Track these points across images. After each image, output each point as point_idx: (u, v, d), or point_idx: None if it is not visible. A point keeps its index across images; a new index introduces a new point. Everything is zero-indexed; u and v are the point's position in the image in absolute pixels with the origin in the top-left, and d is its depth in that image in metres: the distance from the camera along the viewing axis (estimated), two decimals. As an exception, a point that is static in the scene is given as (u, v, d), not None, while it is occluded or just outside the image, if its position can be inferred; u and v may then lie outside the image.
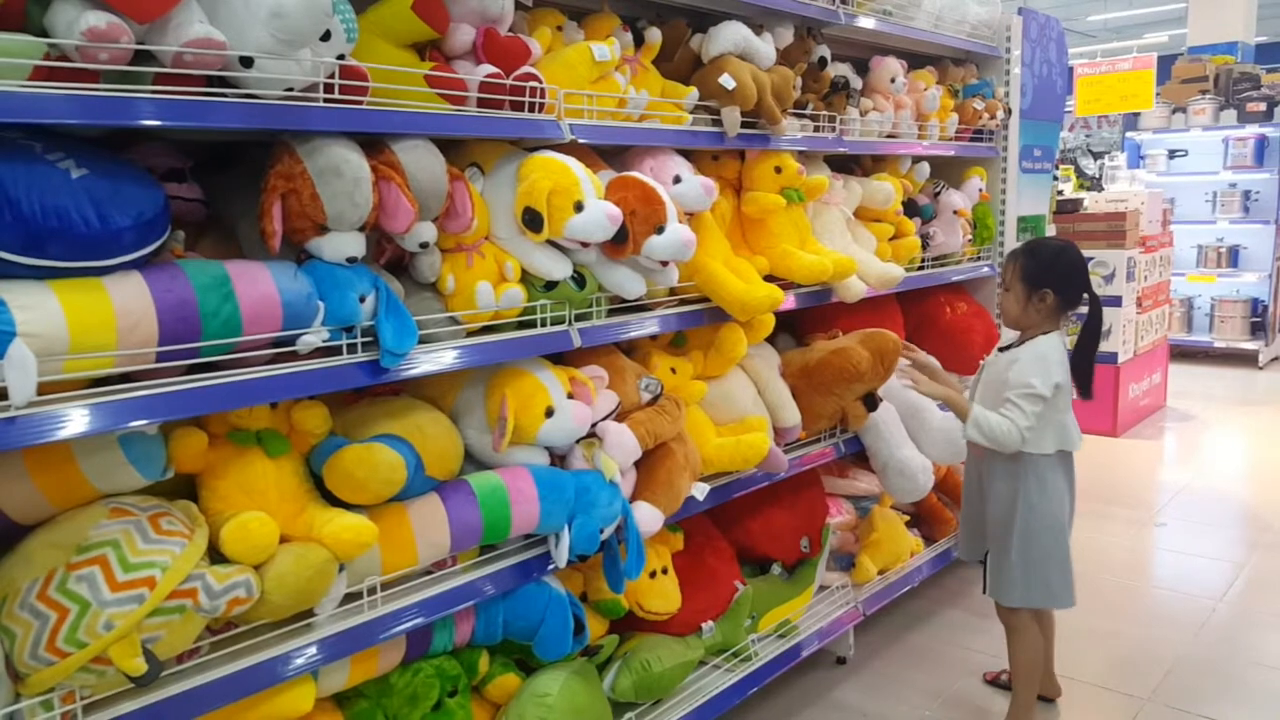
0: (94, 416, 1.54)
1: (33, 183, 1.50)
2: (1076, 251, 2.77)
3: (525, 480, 2.23)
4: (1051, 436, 2.72)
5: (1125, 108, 9.66)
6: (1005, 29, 4.18)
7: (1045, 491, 2.73)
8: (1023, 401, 2.64)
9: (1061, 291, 2.71)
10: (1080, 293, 2.75)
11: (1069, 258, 2.75)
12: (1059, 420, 2.72)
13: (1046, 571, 2.75)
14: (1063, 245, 2.79)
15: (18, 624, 1.56)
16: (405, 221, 1.95)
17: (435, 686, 2.20)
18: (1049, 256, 2.74)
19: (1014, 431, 2.63)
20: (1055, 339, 2.72)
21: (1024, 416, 2.63)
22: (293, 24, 1.65)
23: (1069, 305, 2.74)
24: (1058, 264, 2.73)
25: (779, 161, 2.96)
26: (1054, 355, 2.68)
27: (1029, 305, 2.72)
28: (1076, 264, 2.76)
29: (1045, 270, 2.71)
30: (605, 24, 2.59)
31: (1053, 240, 2.98)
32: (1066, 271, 2.73)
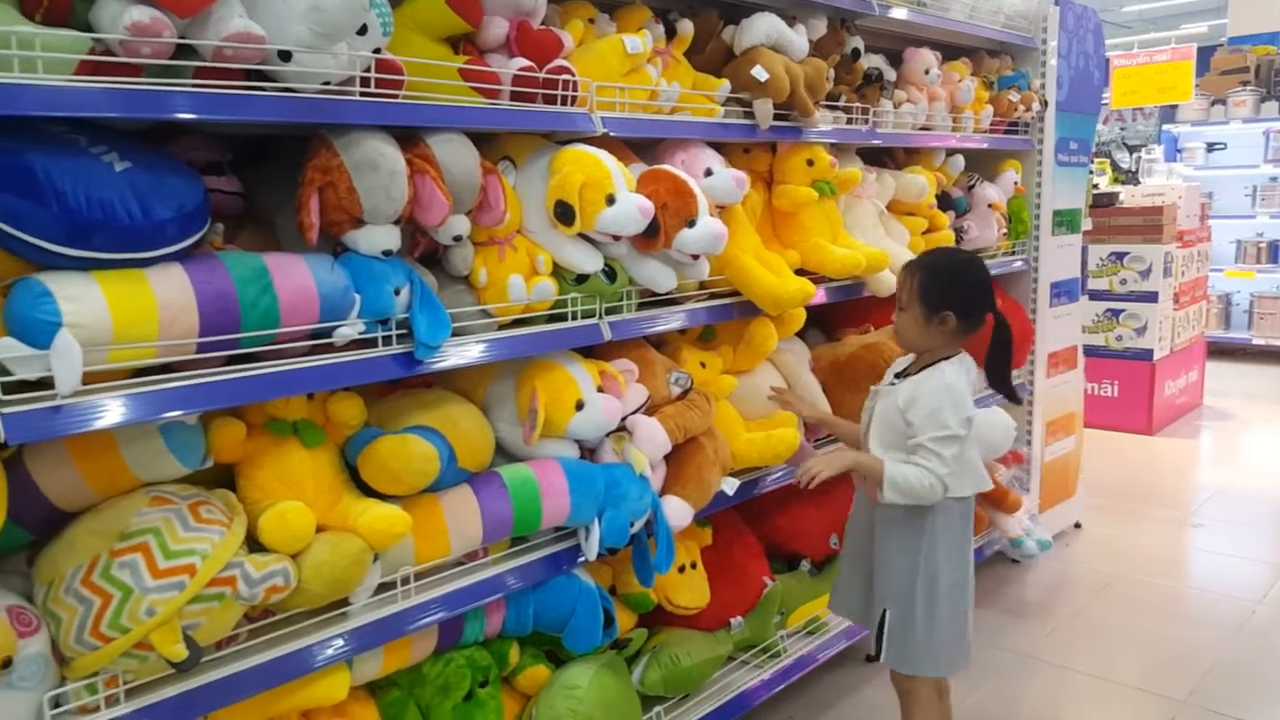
0: (136, 406, 1.56)
1: (79, 176, 1.52)
2: (979, 267, 2.43)
3: (556, 473, 2.24)
4: (966, 478, 2.37)
5: (1163, 100, 9.51)
6: (1041, 20, 4.13)
7: (954, 543, 2.40)
8: (939, 447, 2.26)
9: (964, 314, 2.34)
10: (985, 312, 2.39)
11: (972, 276, 2.40)
12: (970, 458, 2.39)
13: (955, 635, 2.40)
14: (965, 261, 2.45)
15: (63, 609, 1.60)
16: (440, 215, 1.96)
17: (466, 677, 2.22)
18: (950, 275, 2.38)
19: (936, 484, 2.25)
20: (958, 365, 2.36)
21: (942, 463, 2.25)
22: (330, 18, 1.67)
23: (972, 328, 2.38)
24: (959, 283, 2.37)
25: (811, 154, 2.94)
26: (960, 385, 2.31)
27: (929, 328, 2.34)
28: (980, 282, 2.40)
29: (946, 290, 2.35)
30: (637, 16, 2.60)
31: (954, 254, 2.60)
32: (969, 291, 2.38)
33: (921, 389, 2.30)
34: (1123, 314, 6.39)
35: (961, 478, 2.33)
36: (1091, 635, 3.57)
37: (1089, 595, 3.91)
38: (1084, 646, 3.48)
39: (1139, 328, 6.34)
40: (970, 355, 2.41)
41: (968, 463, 2.37)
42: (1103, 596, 3.90)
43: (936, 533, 2.37)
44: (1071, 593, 3.95)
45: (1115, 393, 6.41)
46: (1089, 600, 3.86)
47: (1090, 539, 4.55)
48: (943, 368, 2.34)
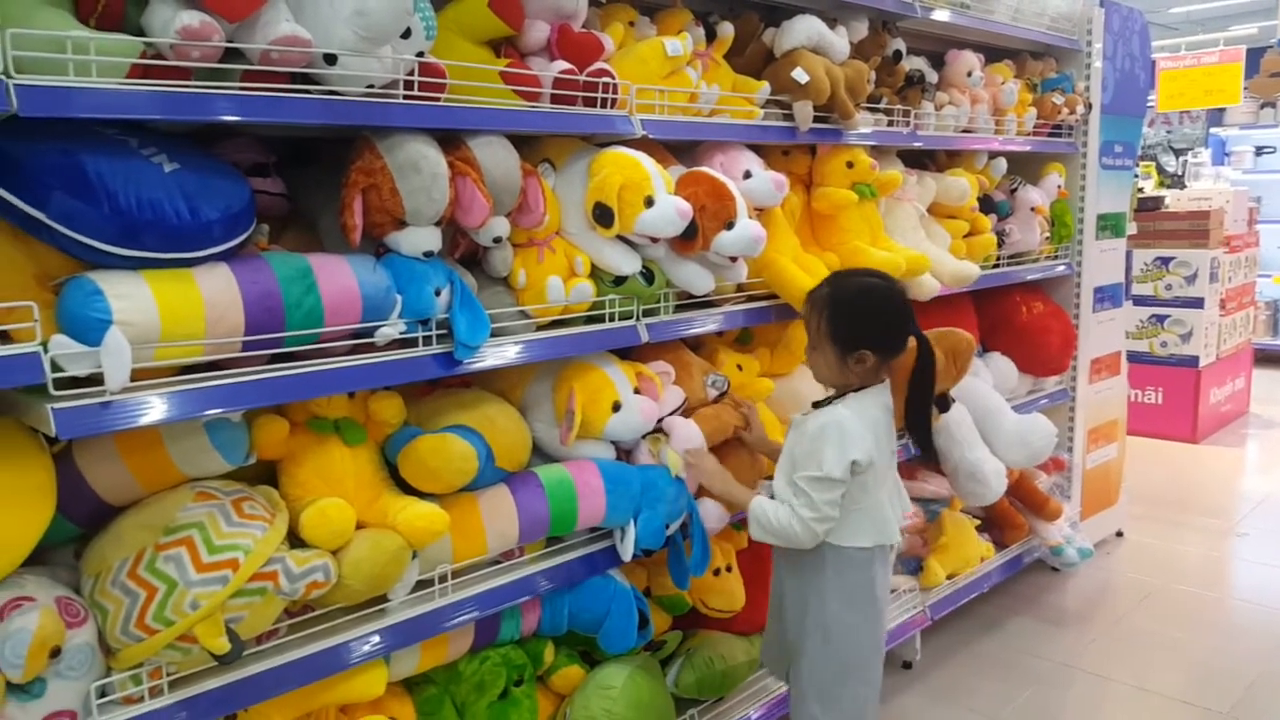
0: (182, 403, 1.59)
1: (129, 176, 1.55)
2: (891, 295, 2.19)
3: (592, 474, 2.24)
4: (865, 526, 2.15)
5: (1210, 103, 9.35)
6: (1086, 21, 4.07)
7: (851, 598, 2.16)
8: (809, 488, 2.07)
9: (882, 350, 2.14)
10: (903, 339, 2.17)
11: (887, 308, 2.17)
12: (871, 504, 2.15)
13: (847, 700, 2.18)
14: (876, 293, 2.19)
15: (110, 600, 1.63)
16: (480, 217, 1.98)
17: (502, 675, 2.23)
18: (862, 312, 2.16)
19: (798, 527, 2.08)
20: (859, 402, 2.14)
21: (809, 506, 2.07)
22: (375, 21, 1.69)
23: (893, 357, 2.18)
24: (872, 319, 2.16)
25: (851, 156, 2.93)
26: (853, 425, 2.08)
27: (845, 367, 2.15)
28: (895, 312, 2.17)
29: (859, 330, 2.14)
30: (677, 19, 2.59)
31: (863, 286, 2.21)
32: (884, 325, 2.16)
33: (812, 424, 2.13)
34: (1168, 320, 6.28)
35: (854, 526, 2.14)
36: (1132, 645, 3.51)
37: (1130, 605, 3.85)
38: (1124, 656, 3.42)
39: (1184, 334, 6.23)
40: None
41: (868, 510, 2.14)
42: (1144, 606, 3.83)
43: (826, 583, 2.16)
44: (1112, 602, 3.89)
45: (1159, 400, 6.30)
46: (1130, 610, 3.80)
47: (1132, 548, 4.47)
48: (843, 403, 2.15)
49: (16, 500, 1.57)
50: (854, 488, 2.11)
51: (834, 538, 2.14)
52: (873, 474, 2.12)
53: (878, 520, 2.17)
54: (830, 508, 2.08)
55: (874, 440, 2.11)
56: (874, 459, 2.10)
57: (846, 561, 2.15)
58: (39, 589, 1.59)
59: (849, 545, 2.14)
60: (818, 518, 2.08)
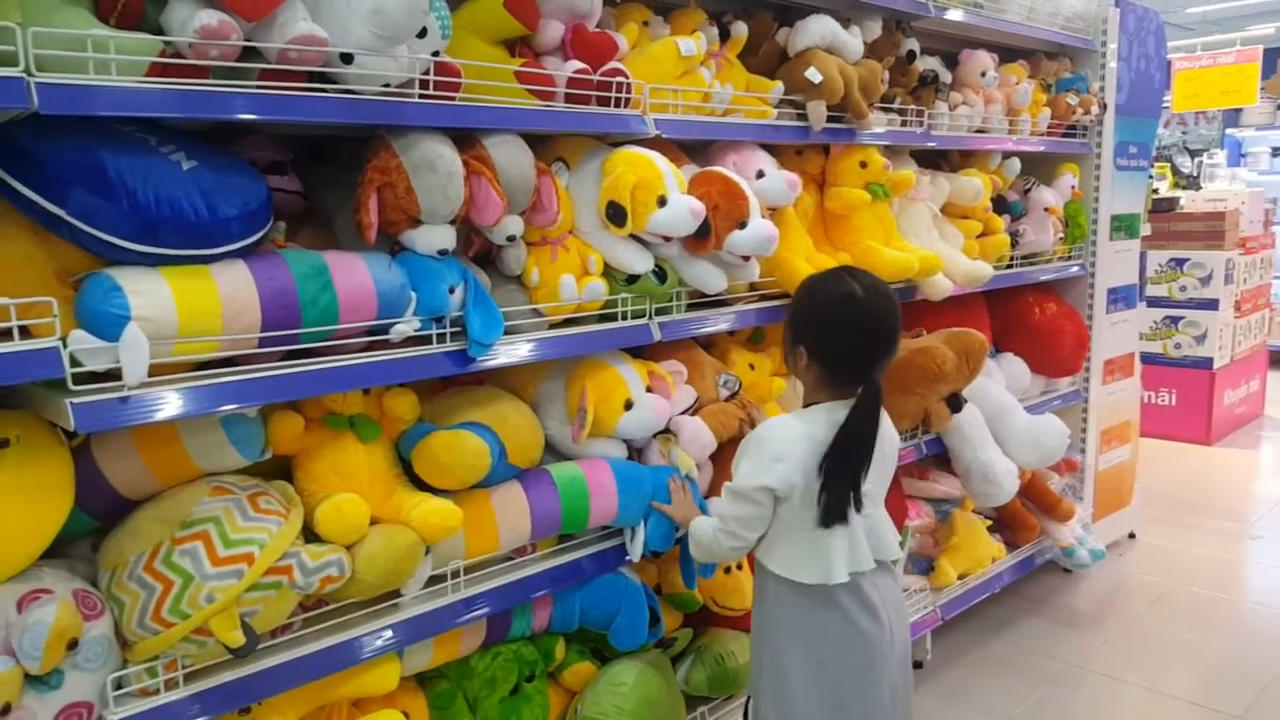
0: (199, 398, 1.61)
1: (148, 174, 1.57)
2: (857, 304, 1.84)
3: (605, 473, 2.25)
4: (802, 559, 1.87)
5: (1226, 103, 9.29)
6: (1101, 22, 4.05)
7: (799, 638, 1.89)
8: (723, 498, 1.92)
9: (816, 353, 1.88)
10: (847, 362, 1.86)
11: (833, 307, 1.88)
12: (810, 536, 1.85)
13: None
14: (839, 293, 1.87)
15: (126, 594, 1.65)
16: (494, 215, 1.99)
17: (513, 670, 2.25)
18: (810, 300, 1.94)
19: (716, 539, 1.93)
20: (810, 419, 1.87)
21: (721, 519, 1.91)
22: (391, 21, 1.70)
23: (834, 377, 1.88)
24: (815, 313, 1.92)
25: (864, 156, 2.92)
26: (780, 442, 1.84)
27: (790, 357, 1.94)
28: (840, 316, 1.86)
29: (803, 318, 1.94)
30: (691, 18, 2.60)
31: (836, 281, 1.91)
32: (826, 328, 1.89)
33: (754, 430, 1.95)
34: (1182, 321, 6.25)
35: (791, 555, 1.89)
36: (1144, 647, 3.50)
37: (1142, 606, 3.83)
38: (1136, 658, 3.41)
39: (1198, 335, 6.20)
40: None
41: (807, 542, 1.86)
42: (1156, 608, 3.82)
43: (776, 617, 1.94)
44: (1124, 603, 3.87)
45: (1173, 401, 6.27)
46: (1142, 611, 3.79)
47: (1144, 549, 4.46)
48: (788, 416, 1.95)
49: (35, 494, 1.59)
50: (786, 513, 1.87)
51: (770, 562, 1.93)
52: (805, 503, 1.83)
53: (818, 557, 1.86)
54: (739, 525, 1.89)
55: (806, 464, 1.82)
56: (798, 485, 1.82)
57: (786, 595, 1.91)
58: (57, 582, 1.61)
59: (785, 575, 1.90)
60: (725, 530, 1.92)
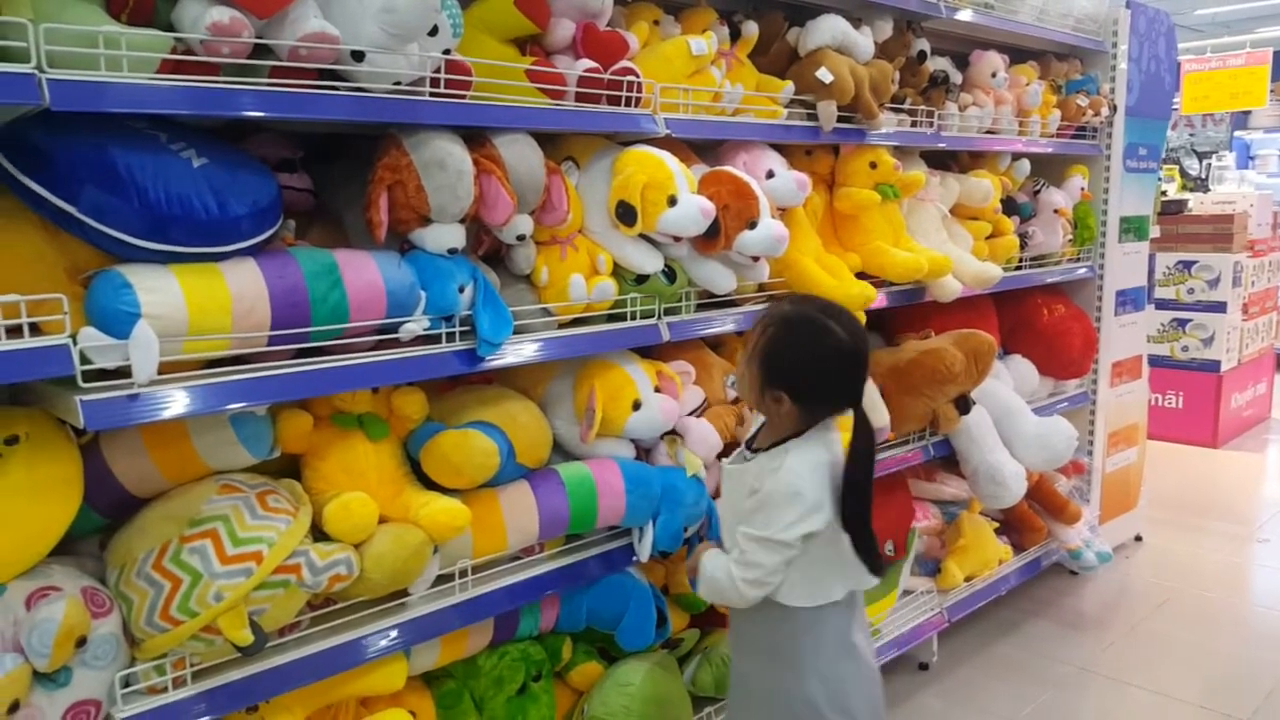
0: (208, 396, 1.60)
1: (158, 171, 1.57)
2: (837, 342, 1.81)
3: (613, 473, 2.25)
4: (825, 575, 1.88)
5: (1235, 105, 9.27)
6: (1112, 23, 4.03)
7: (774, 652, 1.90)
8: (752, 548, 1.84)
9: (802, 400, 1.85)
10: (832, 402, 1.87)
11: (820, 353, 1.82)
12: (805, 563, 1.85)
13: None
14: (822, 336, 1.82)
15: (135, 591, 1.64)
16: (504, 214, 1.98)
17: (520, 670, 2.24)
18: (792, 347, 1.84)
19: (731, 586, 1.86)
20: (810, 452, 1.85)
21: (747, 568, 1.84)
22: (403, 19, 1.70)
23: (817, 414, 1.88)
24: (799, 361, 1.84)
25: (874, 157, 2.92)
26: (813, 486, 1.81)
27: (763, 399, 1.88)
28: (829, 362, 1.83)
29: (782, 365, 1.85)
30: (702, 18, 2.59)
31: (816, 321, 1.83)
32: (812, 375, 1.84)
33: (768, 481, 1.85)
34: (1189, 324, 6.24)
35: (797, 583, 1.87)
36: (1150, 650, 3.49)
37: (1149, 609, 3.82)
38: (1142, 661, 3.40)
39: (1206, 338, 6.18)
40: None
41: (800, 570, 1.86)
42: (1163, 611, 3.81)
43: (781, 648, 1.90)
44: (1131, 606, 3.86)
45: (1180, 404, 6.25)
46: (1148, 615, 3.78)
47: (1151, 552, 4.44)
48: (797, 456, 1.85)
49: (44, 491, 1.59)
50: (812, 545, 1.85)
51: (792, 596, 1.89)
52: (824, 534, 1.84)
53: (842, 568, 1.89)
54: (772, 573, 1.84)
55: (830, 501, 1.83)
56: (831, 521, 1.84)
57: (798, 622, 1.89)
58: (66, 579, 1.61)
59: (810, 604, 1.88)
60: (754, 581, 1.84)
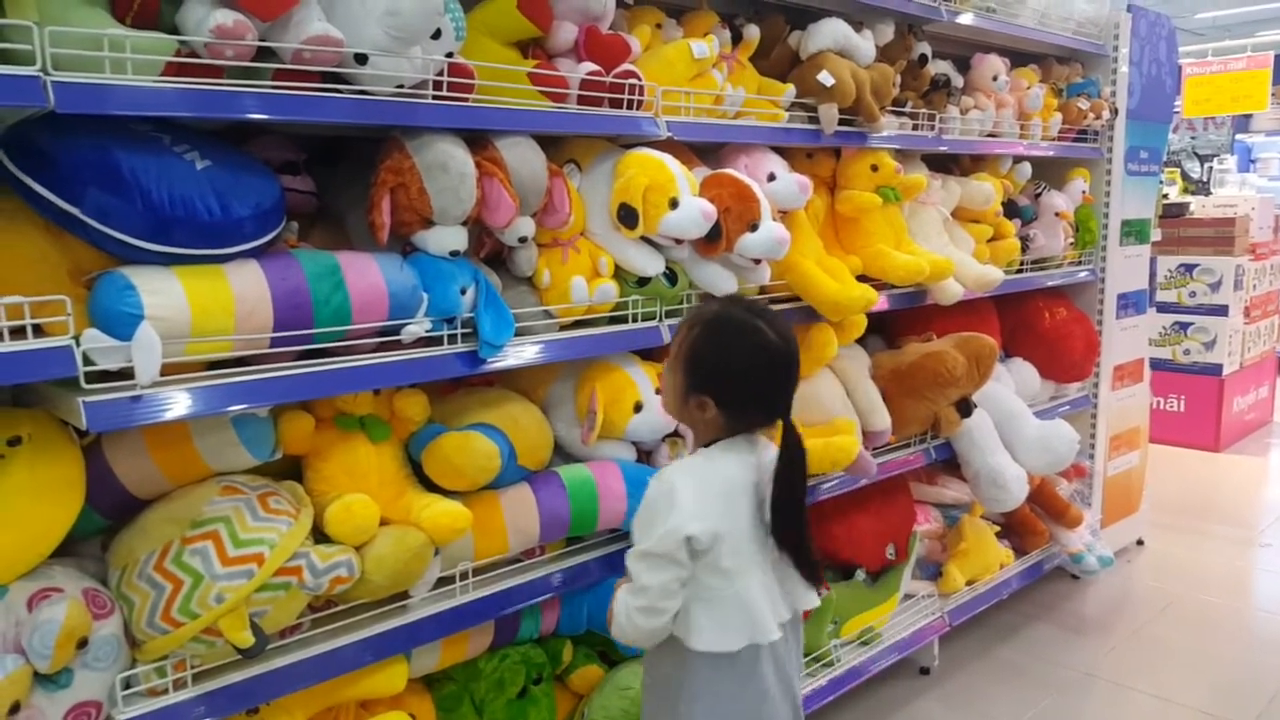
0: (210, 397, 1.61)
1: (162, 173, 1.57)
2: (768, 343, 1.71)
3: (614, 476, 2.25)
4: (728, 621, 1.69)
5: (1237, 109, 9.28)
6: (1113, 26, 4.03)
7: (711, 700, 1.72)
8: (637, 569, 1.68)
9: (726, 406, 1.73)
10: (757, 408, 1.76)
11: (746, 355, 1.72)
12: (731, 594, 1.69)
13: None
14: (742, 334, 1.72)
15: (136, 593, 1.65)
16: (506, 217, 1.99)
17: (521, 673, 2.24)
18: (717, 349, 1.73)
19: (627, 620, 1.69)
20: (719, 459, 1.74)
21: (636, 593, 1.67)
22: (406, 22, 1.70)
23: (742, 423, 1.76)
24: (724, 363, 1.73)
25: (876, 160, 2.92)
26: (686, 490, 1.67)
27: (686, 405, 1.76)
28: (757, 365, 1.73)
29: (705, 368, 1.74)
30: (704, 21, 2.60)
31: (745, 322, 1.74)
32: (738, 378, 1.73)
33: (651, 486, 1.74)
34: (1191, 327, 6.23)
35: (708, 623, 1.70)
36: (1153, 655, 3.48)
37: (1151, 614, 3.81)
38: (1145, 666, 3.40)
39: (1208, 341, 6.18)
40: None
41: (727, 602, 1.69)
42: (1165, 615, 3.80)
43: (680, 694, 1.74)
44: (1133, 611, 3.85)
45: (1182, 408, 6.25)
46: (1151, 619, 3.77)
47: (1153, 556, 4.44)
48: (690, 459, 1.80)
49: (47, 492, 1.59)
50: (705, 572, 1.69)
51: (691, 637, 1.70)
52: (728, 554, 1.68)
53: (744, 616, 1.70)
54: (661, 595, 1.66)
55: (724, 509, 1.69)
56: (721, 534, 1.67)
57: (698, 666, 1.72)
58: (67, 580, 1.61)
59: (710, 650, 1.70)
60: (646, 607, 1.66)
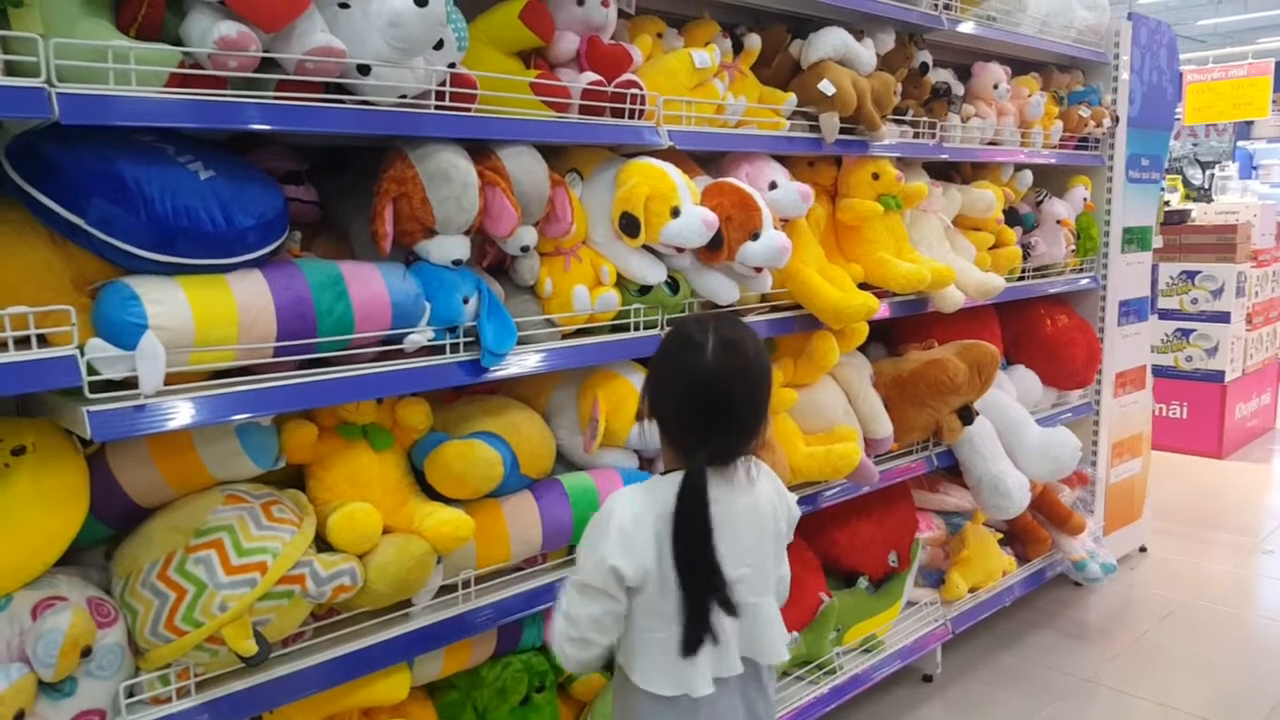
0: (214, 407, 1.61)
1: (165, 183, 1.58)
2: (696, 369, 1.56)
3: (616, 484, 2.25)
4: (656, 664, 1.59)
5: (1238, 116, 9.28)
6: (1114, 34, 4.05)
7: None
8: (570, 597, 1.60)
9: (663, 428, 1.64)
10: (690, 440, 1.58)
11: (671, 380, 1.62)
12: (659, 636, 1.57)
13: None
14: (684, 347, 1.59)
15: (140, 601, 1.65)
16: (509, 226, 1.99)
17: (523, 681, 2.24)
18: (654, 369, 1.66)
19: (561, 648, 1.60)
20: (662, 489, 1.59)
21: (567, 622, 1.58)
22: (409, 33, 1.71)
23: (680, 452, 1.61)
24: (656, 385, 1.65)
25: (877, 168, 2.93)
26: (624, 520, 1.56)
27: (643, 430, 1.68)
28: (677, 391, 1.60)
29: (648, 388, 1.66)
30: (705, 31, 2.61)
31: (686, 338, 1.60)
32: (665, 402, 1.63)
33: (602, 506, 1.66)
34: (1193, 334, 6.23)
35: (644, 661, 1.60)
36: (1155, 662, 3.48)
37: (1153, 621, 3.81)
38: (1147, 673, 3.39)
39: (1210, 348, 6.18)
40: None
41: (657, 647, 1.58)
42: (1167, 623, 3.80)
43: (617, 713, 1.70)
44: (1135, 618, 3.85)
45: (1184, 414, 6.25)
46: (1153, 626, 3.77)
47: (1155, 563, 4.43)
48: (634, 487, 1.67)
49: (51, 501, 1.60)
50: (640, 610, 1.59)
51: (629, 668, 1.63)
52: (659, 595, 1.56)
53: (670, 662, 1.58)
54: (591, 627, 1.57)
55: (657, 547, 1.55)
56: (649, 571, 1.55)
57: (635, 699, 1.64)
58: (71, 589, 1.62)
59: (643, 687, 1.61)
60: (577, 638, 1.58)
